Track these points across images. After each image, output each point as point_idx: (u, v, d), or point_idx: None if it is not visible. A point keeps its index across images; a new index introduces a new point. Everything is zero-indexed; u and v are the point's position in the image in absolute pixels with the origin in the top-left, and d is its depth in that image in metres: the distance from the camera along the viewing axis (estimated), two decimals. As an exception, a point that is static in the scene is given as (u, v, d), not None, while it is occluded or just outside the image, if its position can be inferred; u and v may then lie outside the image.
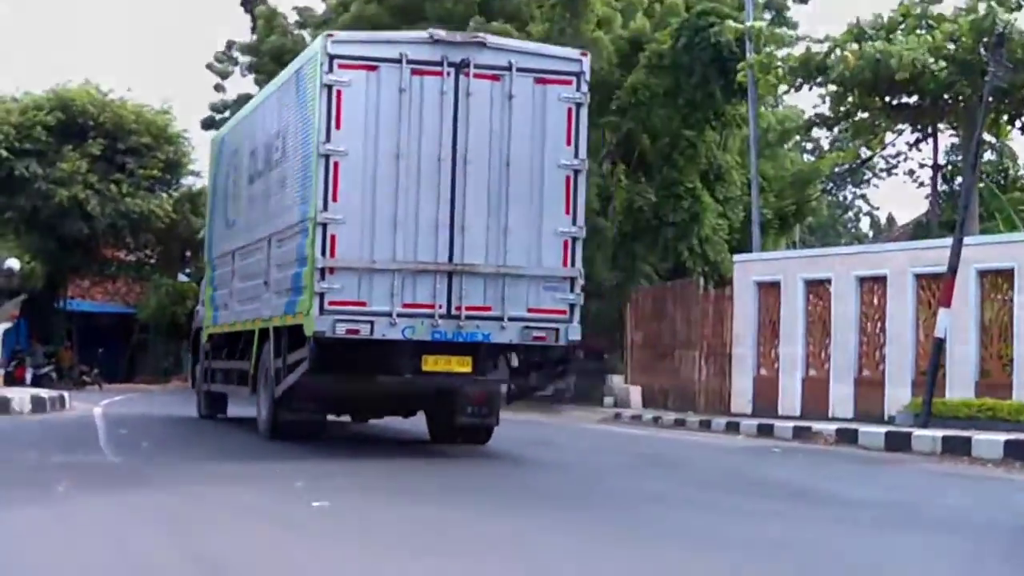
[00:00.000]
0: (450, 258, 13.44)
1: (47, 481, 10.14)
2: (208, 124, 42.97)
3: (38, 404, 20.55)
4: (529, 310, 13.63)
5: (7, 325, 27.18)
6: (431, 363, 13.49)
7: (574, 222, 13.81)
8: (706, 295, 27.35)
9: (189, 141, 40.96)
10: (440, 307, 13.36)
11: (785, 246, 37.95)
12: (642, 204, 32.38)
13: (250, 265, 16.91)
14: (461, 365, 13.59)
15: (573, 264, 13.77)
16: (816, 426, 19.30)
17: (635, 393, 27.76)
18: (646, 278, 32.22)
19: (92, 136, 38.44)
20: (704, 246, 31.73)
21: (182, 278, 43.09)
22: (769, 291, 24.87)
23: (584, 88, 13.75)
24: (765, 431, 19.90)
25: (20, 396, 20.63)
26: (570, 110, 13.76)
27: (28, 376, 32.71)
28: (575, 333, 13.80)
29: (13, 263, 33.95)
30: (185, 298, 40.30)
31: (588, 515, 9.23)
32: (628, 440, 18.87)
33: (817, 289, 23.85)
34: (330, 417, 16.15)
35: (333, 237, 13.23)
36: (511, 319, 13.54)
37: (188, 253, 42.75)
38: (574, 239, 13.80)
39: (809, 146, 47.13)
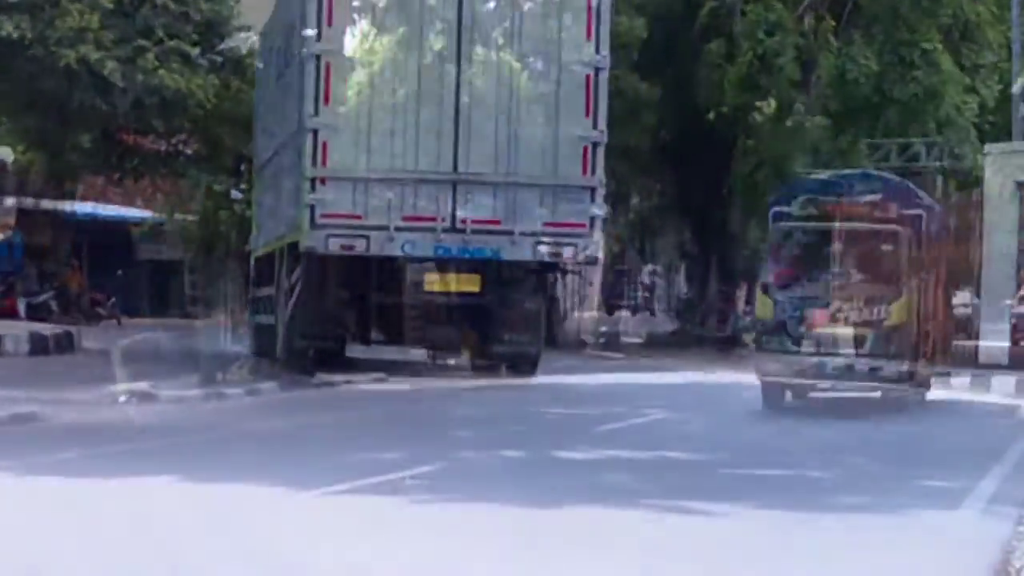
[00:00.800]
0: (454, 166, 15.25)
1: (54, 447, 10.37)
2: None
3: (38, 344, 20.92)
4: (544, 224, 15.55)
5: (-3, 239, 27.61)
6: (434, 282, 15.49)
7: (595, 126, 15.56)
8: (946, 199, 26.96)
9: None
10: (443, 220, 15.22)
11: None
12: (858, 74, 31.90)
13: (274, 178, 18.52)
14: (468, 284, 15.47)
15: (594, 172, 15.58)
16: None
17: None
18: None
19: (103, -18, 38.54)
20: (944, 131, 31.21)
21: (235, 194, 43.26)
22: (1037, 195, 24.46)
23: None
24: (1027, 390, 19.66)
25: (15, 334, 21.06)
26: (589, 1, 15.46)
27: (21, 307, 33.30)
28: (596, 249, 15.80)
29: (4, 153, 34.40)
30: (233, 202, 40.58)
31: (770, 514, 9.13)
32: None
33: (1106, 193, 23.42)
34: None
35: (325, 144, 15.07)
36: (523, 234, 15.44)
37: (243, 167, 42.75)
38: (595, 144, 15.57)
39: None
